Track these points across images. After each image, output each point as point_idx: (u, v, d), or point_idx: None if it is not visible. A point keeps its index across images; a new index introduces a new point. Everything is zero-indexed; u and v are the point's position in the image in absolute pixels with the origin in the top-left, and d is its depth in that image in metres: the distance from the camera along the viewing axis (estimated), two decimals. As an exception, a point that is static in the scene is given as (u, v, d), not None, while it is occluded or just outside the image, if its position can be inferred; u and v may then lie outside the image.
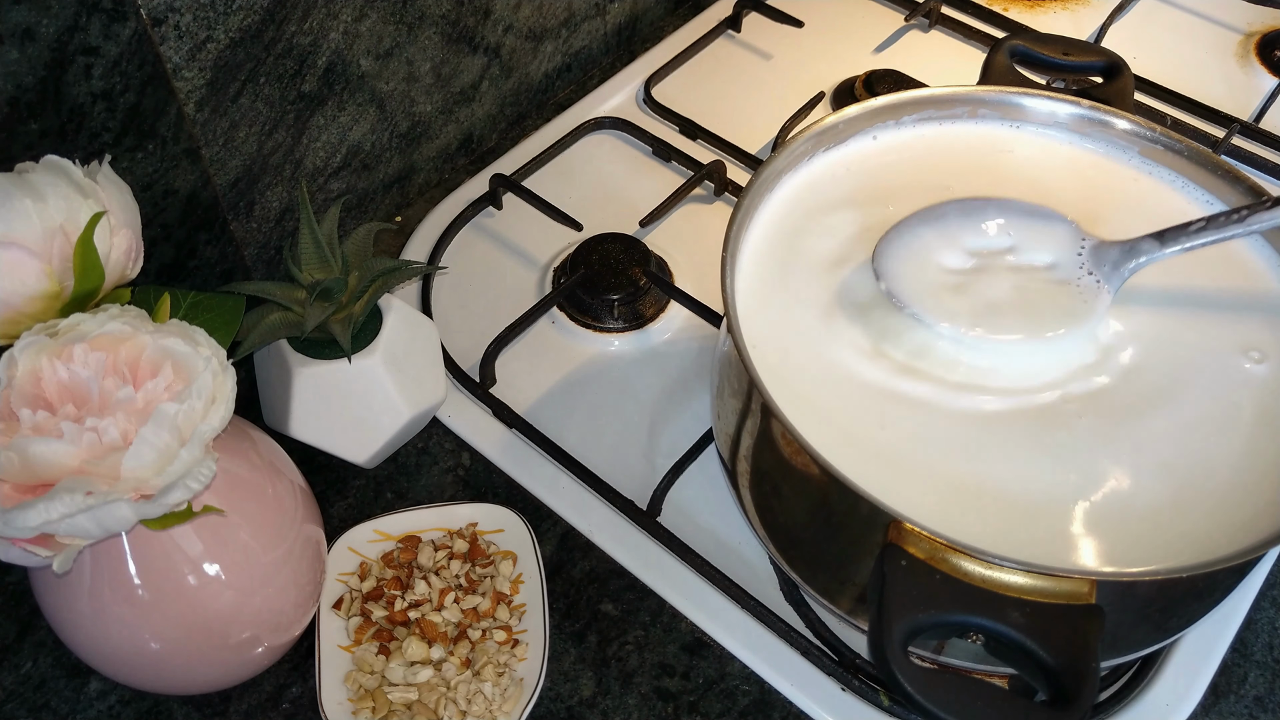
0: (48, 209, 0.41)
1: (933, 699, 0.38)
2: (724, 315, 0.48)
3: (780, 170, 0.55)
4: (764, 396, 0.44)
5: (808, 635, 0.55)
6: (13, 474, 0.38)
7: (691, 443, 0.60)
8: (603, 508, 0.59)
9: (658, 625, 0.56)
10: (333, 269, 0.53)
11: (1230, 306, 0.52)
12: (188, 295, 0.48)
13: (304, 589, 0.50)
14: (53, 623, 0.46)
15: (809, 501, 0.48)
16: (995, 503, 0.45)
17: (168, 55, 0.53)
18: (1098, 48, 0.62)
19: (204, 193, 0.59)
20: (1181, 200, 0.56)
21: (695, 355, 0.67)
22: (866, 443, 0.46)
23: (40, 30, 0.47)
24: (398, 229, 0.74)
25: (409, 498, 0.60)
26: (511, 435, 0.62)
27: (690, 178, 0.74)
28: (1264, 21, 0.91)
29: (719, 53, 0.86)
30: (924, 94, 0.58)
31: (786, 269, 0.52)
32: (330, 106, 0.64)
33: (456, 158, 0.78)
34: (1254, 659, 0.55)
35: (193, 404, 0.39)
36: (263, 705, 0.52)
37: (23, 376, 0.40)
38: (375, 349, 0.56)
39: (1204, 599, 0.47)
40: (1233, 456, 0.46)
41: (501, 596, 0.54)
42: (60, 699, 0.52)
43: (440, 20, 0.68)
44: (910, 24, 0.89)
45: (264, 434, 0.51)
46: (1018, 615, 0.39)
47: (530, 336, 0.67)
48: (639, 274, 0.67)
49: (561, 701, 0.53)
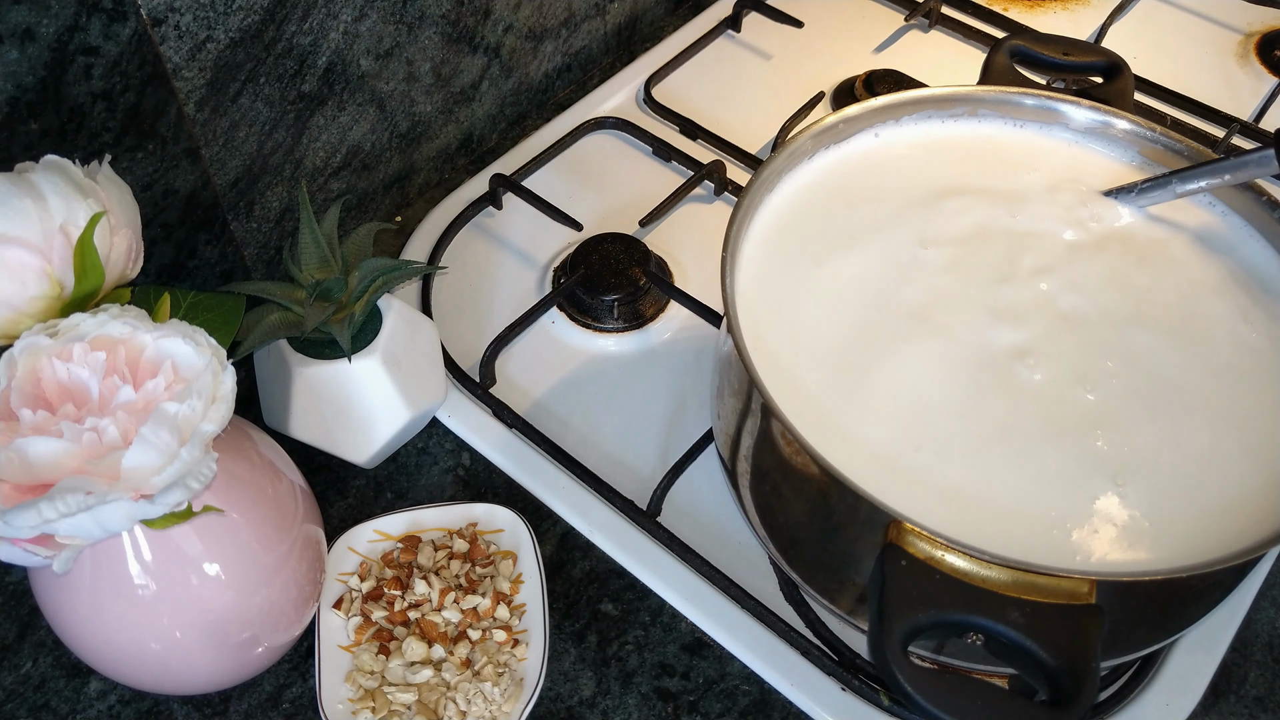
0: (48, 209, 0.41)
1: (933, 699, 0.38)
2: (724, 315, 0.48)
3: (780, 170, 0.55)
4: (764, 396, 0.44)
5: (808, 635, 0.55)
6: (13, 474, 0.38)
7: (691, 443, 0.60)
8: (603, 508, 0.59)
9: (658, 625, 0.56)
10: (333, 269, 0.53)
11: (1232, 306, 0.52)
12: (188, 295, 0.48)
13: (304, 589, 0.50)
14: (53, 623, 0.46)
15: (809, 501, 0.48)
16: (995, 502, 0.45)
17: (168, 55, 0.53)
18: (1098, 48, 0.62)
19: (204, 193, 0.59)
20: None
21: (695, 355, 0.67)
22: (867, 443, 0.46)
23: (40, 30, 0.47)
24: (398, 229, 0.74)
25: (409, 498, 0.60)
26: (511, 435, 0.62)
27: (690, 178, 0.74)
28: (1264, 21, 0.91)
29: (719, 53, 0.86)
30: (924, 94, 0.58)
31: (787, 269, 0.52)
32: (330, 106, 0.64)
33: (456, 158, 0.78)
34: (1254, 659, 0.55)
35: (193, 404, 0.39)
36: (263, 705, 0.52)
37: (23, 376, 0.39)
38: (375, 349, 0.56)
39: (1204, 599, 0.47)
40: (1233, 456, 0.46)
41: (501, 596, 0.54)
42: (60, 699, 0.52)
43: (440, 20, 0.68)
44: (910, 24, 0.89)
45: (264, 434, 0.51)
46: (1018, 615, 0.39)
47: (530, 336, 0.67)
48: (639, 274, 0.67)
49: (561, 701, 0.53)
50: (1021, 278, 0.52)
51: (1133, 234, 0.54)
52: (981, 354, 0.49)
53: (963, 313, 0.51)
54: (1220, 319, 0.51)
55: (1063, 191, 0.56)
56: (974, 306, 0.51)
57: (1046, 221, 0.55)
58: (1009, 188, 0.56)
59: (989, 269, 0.52)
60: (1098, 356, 0.49)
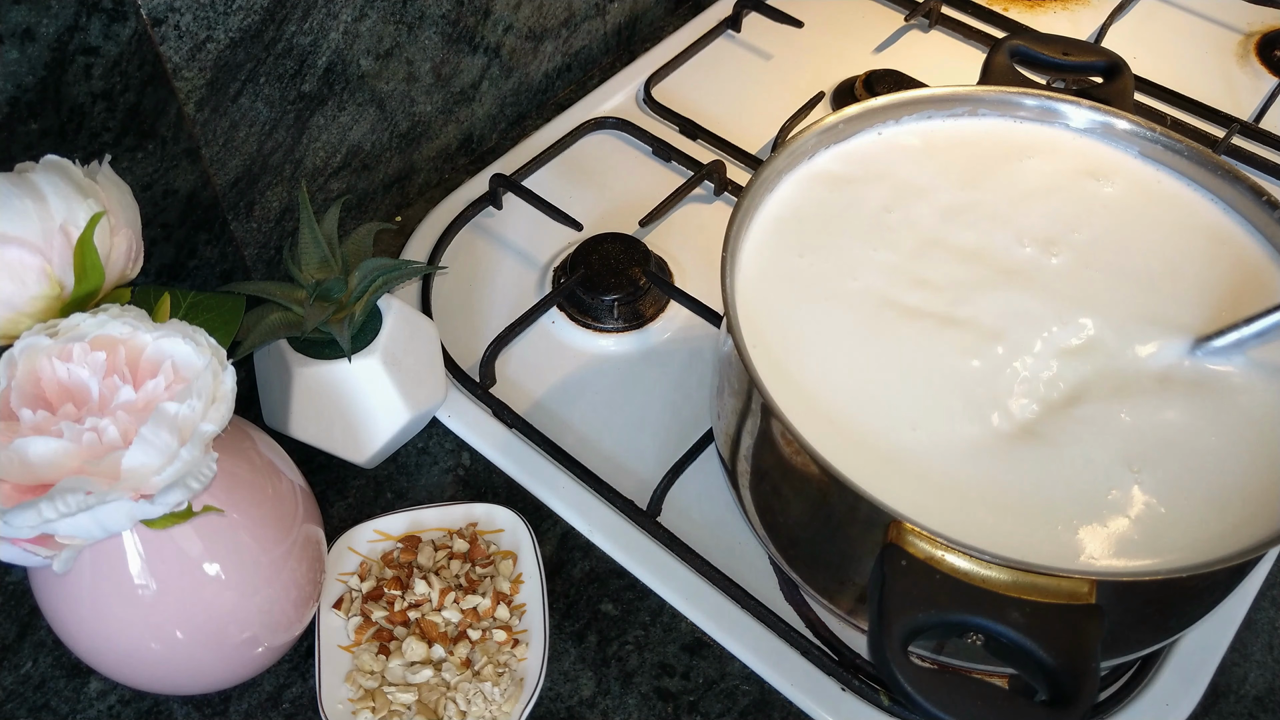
0: (48, 209, 0.41)
1: (933, 699, 0.38)
2: (724, 315, 0.48)
3: (780, 170, 0.55)
4: (764, 396, 0.44)
5: (808, 635, 0.55)
6: (13, 474, 0.38)
7: (691, 443, 0.60)
8: (603, 508, 0.59)
9: (658, 625, 0.56)
10: (333, 269, 0.53)
11: (1234, 308, 0.52)
12: (188, 295, 0.48)
13: (304, 589, 0.50)
14: (53, 623, 0.46)
15: (809, 501, 0.48)
16: (995, 502, 0.45)
17: (168, 55, 0.53)
18: (1098, 48, 0.62)
19: (204, 193, 0.59)
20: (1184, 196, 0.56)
21: (695, 355, 0.67)
22: (867, 442, 0.46)
23: (40, 30, 0.47)
24: (398, 229, 0.74)
25: (409, 498, 0.60)
26: (511, 435, 0.62)
27: (690, 178, 0.74)
28: (1264, 21, 0.91)
29: (719, 53, 0.86)
30: (924, 94, 0.58)
31: (786, 269, 0.52)
32: (330, 106, 0.64)
33: (456, 158, 0.78)
34: (1254, 659, 0.55)
35: (193, 404, 0.39)
36: (263, 705, 0.52)
37: (23, 376, 0.40)
38: (375, 349, 0.56)
39: (1204, 599, 0.47)
40: (1233, 456, 0.46)
41: (501, 596, 0.54)
42: (60, 699, 0.52)
43: (440, 20, 0.68)
44: (910, 24, 0.89)
45: (264, 434, 0.51)
46: (1018, 615, 0.39)
47: (530, 336, 0.67)
48: (639, 274, 0.67)
49: (561, 701, 0.53)
50: (1025, 275, 0.52)
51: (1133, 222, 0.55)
52: (982, 353, 0.49)
53: (964, 312, 0.51)
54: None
55: (1064, 185, 0.56)
56: (975, 305, 0.51)
57: (1048, 217, 0.55)
58: (1009, 186, 0.56)
59: (991, 266, 0.52)
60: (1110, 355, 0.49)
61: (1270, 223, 0.53)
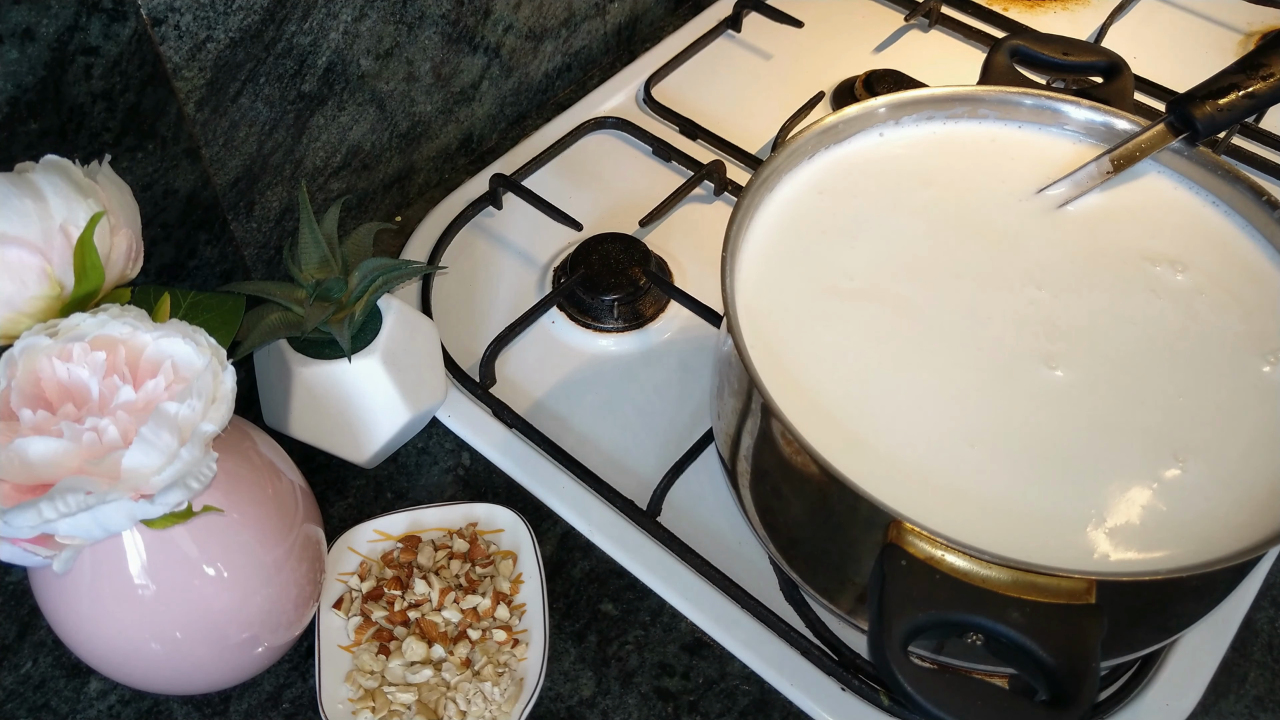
0: (48, 209, 0.41)
1: (933, 699, 0.38)
2: (724, 315, 0.48)
3: (780, 170, 0.55)
4: (764, 396, 0.44)
5: (808, 635, 0.55)
6: (13, 474, 0.38)
7: (691, 443, 0.60)
8: (603, 508, 0.59)
9: (658, 625, 0.56)
10: (333, 269, 0.53)
11: (1235, 309, 0.52)
12: (188, 295, 0.48)
13: (304, 589, 0.50)
14: (53, 623, 0.46)
15: (809, 501, 0.48)
16: (995, 502, 0.45)
17: (168, 55, 0.53)
18: (1098, 48, 0.62)
19: (204, 193, 0.59)
20: (1184, 199, 0.56)
21: (695, 355, 0.67)
22: (867, 442, 0.46)
23: (40, 30, 0.47)
24: (398, 229, 0.74)
25: (409, 498, 0.60)
26: (511, 435, 0.62)
27: (690, 178, 0.74)
28: (1264, 21, 0.91)
29: (719, 53, 0.86)
30: (924, 94, 0.58)
31: (787, 269, 0.52)
32: (330, 106, 0.64)
33: (456, 158, 0.78)
34: (1254, 659, 0.55)
35: (193, 404, 0.39)
36: (263, 705, 0.52)
37: (22, 376, 0.39)
38: (375, 349, 0.56)
39: (1204, 599, 0.47)
40: (1233, 456, 0.46)
41: (501, 596, 0.54)
42: (60, 699, 0.52)
43: (440, 20, 0.68)
44: (910, 24, 0.89)
45: (264, 434, 0.51)
46: (1018, 615, 0.39)
47: (530, 336, 0.67)
48: (639, 274, 0.67)
49: (561, 701, 0.53)
50: (1025, 276, 0.52)
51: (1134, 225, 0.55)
52: (982, 353, 0.49)
53: (964, 311, 0.51)
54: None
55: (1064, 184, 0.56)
56: (975, 305, 0.51)
57: (1048, 218, 0.55)
58: (1009, 186, 0.56)
59: (990, 267, 0.52)
60: (1105, 356, 0.49)
61: (1270, 223, 0.53)
